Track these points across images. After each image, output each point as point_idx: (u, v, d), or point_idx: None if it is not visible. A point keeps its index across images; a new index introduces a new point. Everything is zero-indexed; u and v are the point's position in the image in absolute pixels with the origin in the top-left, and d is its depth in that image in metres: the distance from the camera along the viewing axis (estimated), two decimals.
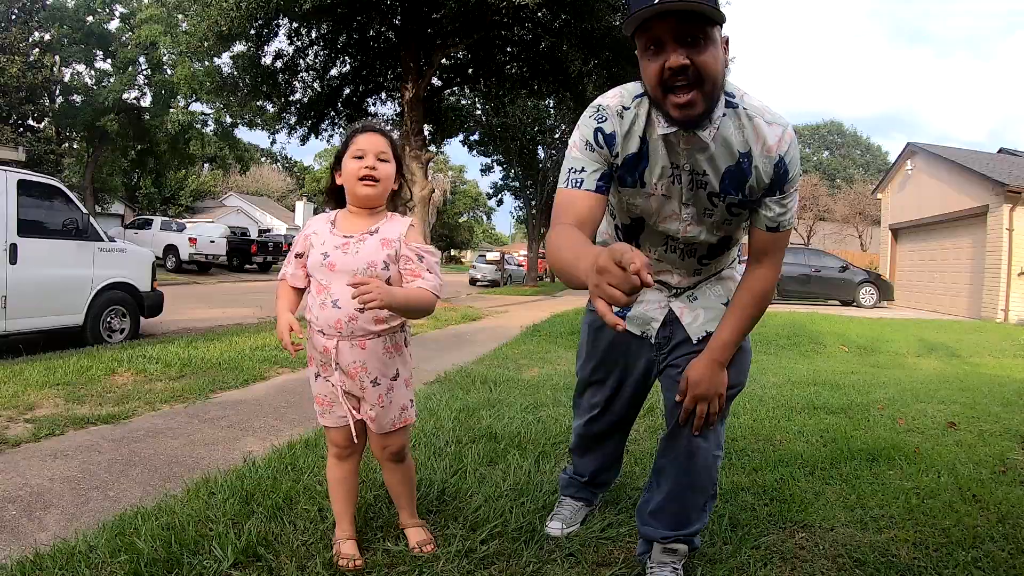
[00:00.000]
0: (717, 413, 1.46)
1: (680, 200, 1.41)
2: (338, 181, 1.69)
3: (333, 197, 1.75)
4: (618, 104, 1.35)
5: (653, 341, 1.61)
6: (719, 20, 1.19)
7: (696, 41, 1.18)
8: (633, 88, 1.36)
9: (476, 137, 20.26)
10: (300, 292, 1.73)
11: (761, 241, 1.42)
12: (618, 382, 1.73)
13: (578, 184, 1.35)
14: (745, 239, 1.53)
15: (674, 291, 1.60)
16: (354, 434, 1.69)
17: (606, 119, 1.35)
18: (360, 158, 1.62)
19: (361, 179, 1.61)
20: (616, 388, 1.74)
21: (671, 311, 1.59)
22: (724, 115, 1.31)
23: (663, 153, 1.35)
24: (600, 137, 1.35)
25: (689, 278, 1.58)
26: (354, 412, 1.67)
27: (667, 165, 1.36)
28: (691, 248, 1.51)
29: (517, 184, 24.86)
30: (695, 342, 1.54)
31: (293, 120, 11.92)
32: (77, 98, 21.82)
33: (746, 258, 1.50)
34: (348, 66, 11.66)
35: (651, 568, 1.64)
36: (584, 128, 1.37)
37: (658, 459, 1.64)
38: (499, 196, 26.92)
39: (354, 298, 1.38)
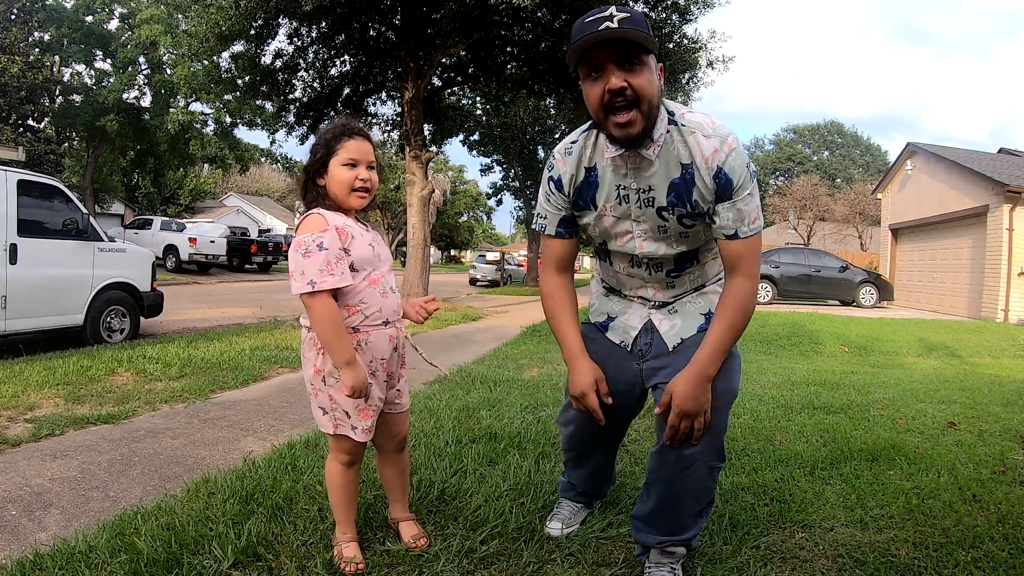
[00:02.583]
0: (701, 430, 1.43)
1: (631, 218, 1.51)
2: (320, 183, 1.60)
3: (312, 198, 1.60)
4: (565, 145, 1.54)
5: (629, 349, 1.64)
6: (652, 49, 1.33)
7: (632, 66, 1.32)
8: (583, 126, 1.53)
9: (476, 137, 20.27)
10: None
11: (727, 251, 1.45)
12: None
13: (543, 229, 1.61)
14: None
15: (652, 303, 1.64)
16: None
17: (554, 166, 1.55)
18: (352, 166, 1.58)
19: (356, 190, 1.59)
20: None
21: (650, 321, 1.63)
22: (668, 132, 1.42)
23: (610, 177, 1.48)
24: (551, 185, 1.55)
25: (663, 292, 1.62)
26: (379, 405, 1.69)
27: (614, 187, 1.49)
28: (656, 263, 1.57)
29: (517, 184, 24.85)
30: (670, 349, 1.58)
31: (292, 119, 11.91)
32: (77, 98, 21.81)
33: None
34: (348, 66, 11.64)
35: (649, 569, 1.64)
36: (543, 179, 1.58)
37: (649, 472, 1.62)
38: (499, 196, 26.90)
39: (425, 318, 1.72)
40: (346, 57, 11.46)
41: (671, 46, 10.14)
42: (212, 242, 18.75)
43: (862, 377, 5.20)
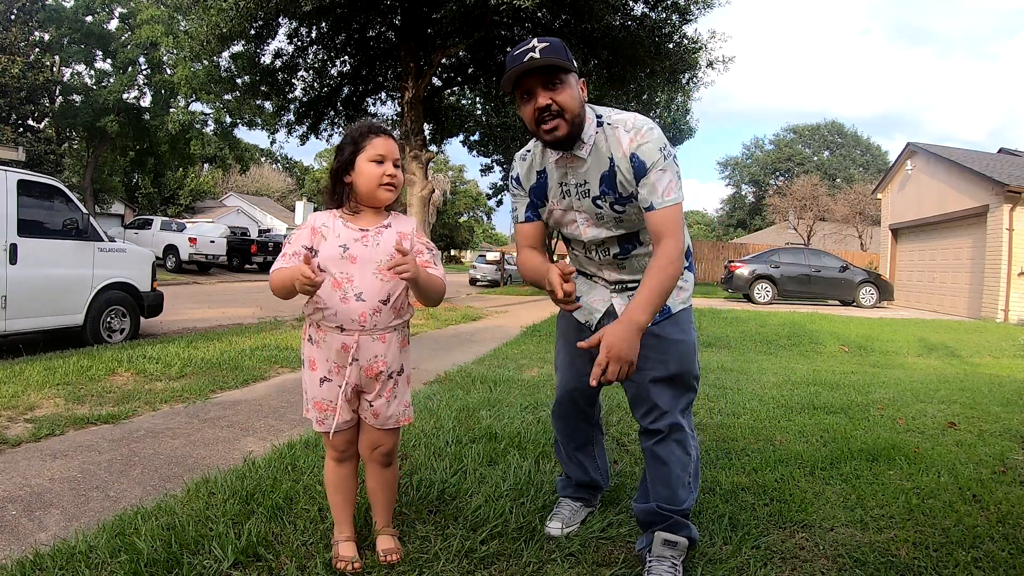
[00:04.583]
0: (628, 376, 1.53)
1: (574, 208, 1.77)
2: (348, 180, 1.66)
3: (337, 197, 1.69)
4: (523, 151, 1.83)
5: (593, 328, 1.83)
6: (571, 69, 1.60)
7: (555, 86, 1.59)
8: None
9: (476, 137, 20.23)
10: None
11: (650, 223, 1.64)
12: (570, 364, 1.92)
13: (517, 220, 1.87)
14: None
15: (613, 287, 1.85)
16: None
17: (514, 166, 1.85)
18: (380, 163, 1.64)
19: (383, 185, 1.64)
20: (569, 368, 1.93)
21: (612, 305, 1.83)
22: (597, 132, 1.67)
23: (555, 176, 1.76)
24: (514, 182, 1.85)
25: (617, 273, 1.84)
26: (350, 413, 1.68)
27: (558, 184, 1.76)
28: (603, 247, 1.80)
29: None
30: None
31: (292, 118, 11.91)
32: (77, 98, 21.83)
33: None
34: (348, 66, 11.65)
35: (650, 562, 1.67)
36: (509, 179, 1.88)
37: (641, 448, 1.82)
38: (499, 196, 26.87)
39: (390, 268, 1.51)
40: (346, 57, 11.46)
41: (671, 46, 10.14)
42: (212, 242, 18.75)
43: (862, 377, 5.20)
